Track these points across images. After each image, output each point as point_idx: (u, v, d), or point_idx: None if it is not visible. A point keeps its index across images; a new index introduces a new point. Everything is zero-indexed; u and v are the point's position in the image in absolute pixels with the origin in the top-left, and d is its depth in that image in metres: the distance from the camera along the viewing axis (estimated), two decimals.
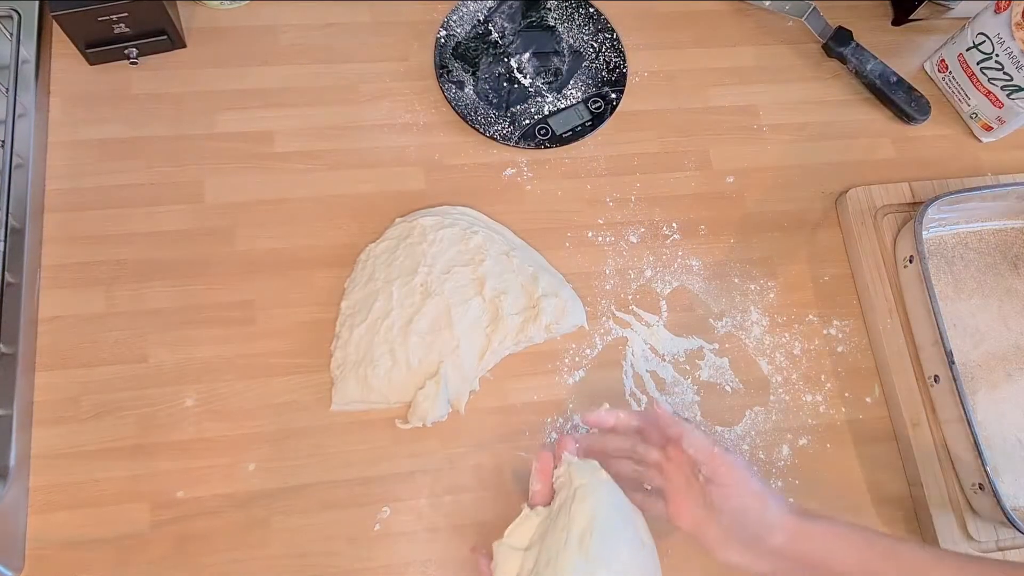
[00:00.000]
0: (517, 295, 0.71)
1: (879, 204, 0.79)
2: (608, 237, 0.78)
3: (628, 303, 0.75)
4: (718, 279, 0.77)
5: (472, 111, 0.79)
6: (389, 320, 0.68)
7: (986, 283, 0.78)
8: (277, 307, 0.71)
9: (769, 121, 0.84)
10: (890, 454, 0.73)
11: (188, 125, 0.76)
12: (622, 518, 0.56)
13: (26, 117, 0.71)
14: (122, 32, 0.73)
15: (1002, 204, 0.78)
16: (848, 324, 0.77)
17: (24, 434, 0.64)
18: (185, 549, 0.64)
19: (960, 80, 0.84)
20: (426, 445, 0.69)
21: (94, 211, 0.72)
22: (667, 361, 0.74)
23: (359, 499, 0.66)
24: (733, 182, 0.81)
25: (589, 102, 0.81)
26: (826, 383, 0.75)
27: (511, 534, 0.57)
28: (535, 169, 0.79)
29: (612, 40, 0.83)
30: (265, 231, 0.74)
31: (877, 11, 0.91)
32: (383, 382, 0.67)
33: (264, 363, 0.69)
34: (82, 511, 0.64)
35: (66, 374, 0.67)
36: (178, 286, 0.71)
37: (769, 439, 0.72)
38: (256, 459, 0.67)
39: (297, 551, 0.65)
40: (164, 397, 0.67)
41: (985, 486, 0.65)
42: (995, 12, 0.78)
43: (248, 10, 0.81)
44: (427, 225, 0.72)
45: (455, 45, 0.82)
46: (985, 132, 0.85)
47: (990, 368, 0.75)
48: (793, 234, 0.80)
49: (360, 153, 0.77)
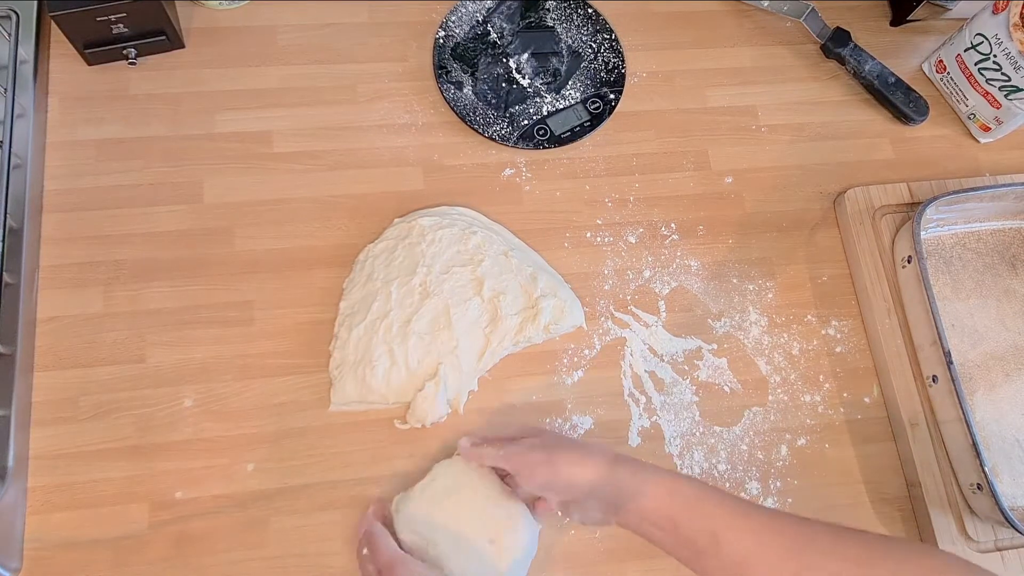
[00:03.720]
0: (516, 295, 0.71)
1: (877, 204, 0.79)
2: (607, 237, 0.78)
3: (627, 303, 0.75)
4: (717, 279, 0.77)
5: (471, 111, 0.79)
6: (388, 320, 0.68)
7: (984, 283, 0.78)
8: (276, 307, 0.71)
9: (768, 121, 0.84)
10: (888, 454, 0.73)
11: (187, 125, 0.76)
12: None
13: (24, 117, 0.71)
14: (121, 32, 0.73)
15: (1000, 204, 0.78)
16: (846, 324, 0.77)
17: (22, 434, 0.64)
18: (184, 550, 0.64)
19: (958, 81, 0.84)
20: (425, 445, 0.69)
21: (92, 211, 0.72)
22: (666, 361, 0.74)
23: (358, 499, 0.66)
24: (732, 182, 0.81)
25: (588, 102, 0.81)
26: (824, 383, 0.75)
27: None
28: (534, 169, 0.79)
29: (611, 41, 0.84)
30: (264, 231, 0.74)
31: (875, 12, 0.91)
32: (382, 382, 0.67)
33: (263, 363, 0.69)
34: (80, 512, 0.64)
35: (64, 374, 0.67)
36: (177, 286, 0.71)
37: (767, 439, 0.72)
38: (255, 459, 0.67)
39: (296, 551, 0.65)
40: (162, 397, 0.67)
41: (983, 486, 0.65)
42: (993, 13, 0.78)
43: (247, 10, 0.81)
44: (426, 225, 0.72)
45: (454, 46, 0.82)
46: (983, 132, 0.85)
47: (988, 368, 0.75)
48: (792, 234, 0.80)
49: (359, 153, 0.77)
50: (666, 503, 0.53)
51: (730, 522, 0.51)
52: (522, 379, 0.72)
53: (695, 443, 0.71)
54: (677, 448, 0.71)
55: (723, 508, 0.52)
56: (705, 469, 0.71)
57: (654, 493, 0.53)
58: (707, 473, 0.71)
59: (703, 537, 0.51)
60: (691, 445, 0.71)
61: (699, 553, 0.51)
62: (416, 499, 0.63)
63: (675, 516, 0.52)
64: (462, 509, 0.62)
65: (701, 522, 0.51)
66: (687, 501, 0.52)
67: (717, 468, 0.71)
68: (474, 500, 0.62)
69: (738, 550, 0.49)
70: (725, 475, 0.71)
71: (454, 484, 0.63)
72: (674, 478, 0.55)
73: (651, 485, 0.54)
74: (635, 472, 0.55)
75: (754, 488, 0.70)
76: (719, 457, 0.71)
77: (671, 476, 0.55)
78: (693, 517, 0.51)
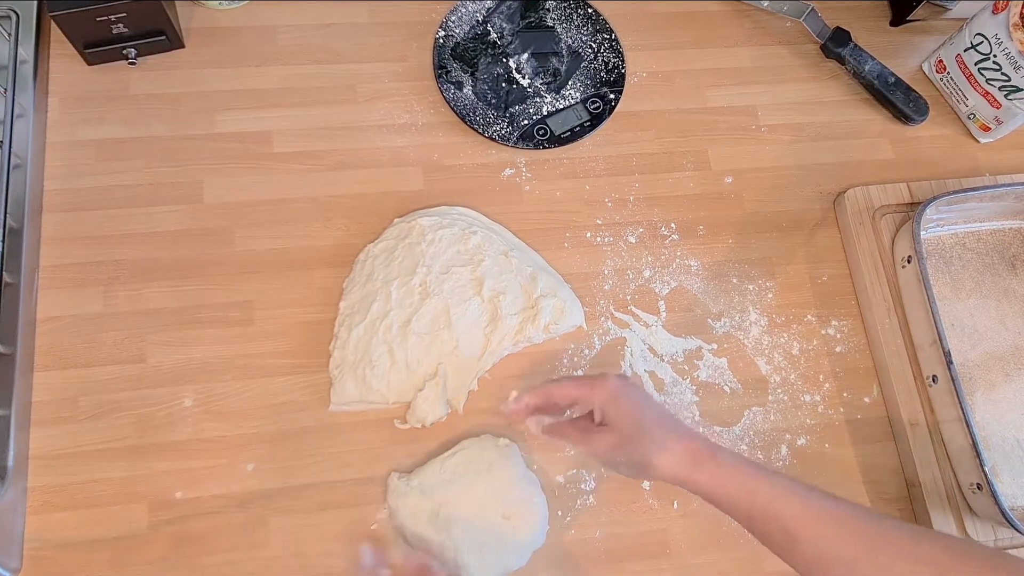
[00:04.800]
0: (516, 295, 0.71)
1: (877, 204, 0.79)
2: (607, 237, 0.78)
3: (627, 303, 0.75)
4: (717, 279, 0.77)
5: (471, 111, 0.79)
6: (388, 320, 0.68)
7: (984, 283, 0.78)
8: (275, 307, 0.71)
9: (767, 121, 0.84)
10: (888, 454, 0.73)
11: (187, 125, 0.76)
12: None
13: (24, 117, 0.71)
14: (121, 32, 0.73)
15: (1000, 204, 0.78)
16: (846, 324, 0.77)
17: (22, 434, 0.64)
18: (183, 550, 0.64)
19: (958, 80, 0.84)
20: (424, 445, 0.68)
21: (92, 211, 0.72)
22: (666, 361, 0.74)
23: (357, 499, 0.66)
24: (732, 182, 0.81)
25: (588, 102, 0.81)
26: (824, 383, 0.75)
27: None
28: (534, 169, 0.79)
29: (611, 41, 0.84)
30: (264, 231, 0.74)
31: (875, 12, 0.91)
32: (382, 382, 0.67)
33: (262, 363, 0.69)
34: (80, 511, 0.64)
35: (64, 374, 0.67)
36: (176, 286, 0.71)
37: (768, 439, 0.72)
38: (254, 459, 0.67)
39: (295, 551, 0.65)
40: (162, 397, 0.67)
41: (983, 486, 0.65)
42: (993, 13, 0.78)
43: (247, 10, 0.81)
44: (426, 225, 0.72)
45: (454, 45, 0.82)
46: (983, 132, 0.85)
47: (988, 368, 0.75)
48: (791, 234, 0.80)
49: (359, 153, 0.77)
50: (744, 503, 0.53)
51: (805, 522, 0.51)
52: (522, 379, 0.72)
53: None
54: None
55: (798, 511, 0.52)
56: None
57: (731, 495, 0.54)
58: None
59: (779, 535, 0.52)
60: None
61: (775, 546, 0.53)
62: (437, 466, 0.65)
63: (751, 512, 0.53)
64: (481, 481, 0.64)
65: (776, 522, 0.52)
66: (764, 501, 0.53)
67: None
68: (494, 477, 0.64)
69: (813, 551, 0.50)
70: None
71: (479, 459, 0.65)
72: (755, 481, 0.54)
73: (728, 489, 0.54)
74: (715, 475, 0.55)
75: None
76: None
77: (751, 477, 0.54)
78: (768, 518, 0.52)
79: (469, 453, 0.66)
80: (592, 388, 0.59)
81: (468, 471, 0.64)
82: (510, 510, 0.63)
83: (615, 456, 0.58)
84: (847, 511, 0.52)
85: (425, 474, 0.65)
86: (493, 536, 0.62)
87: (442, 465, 0.65)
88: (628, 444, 0.57)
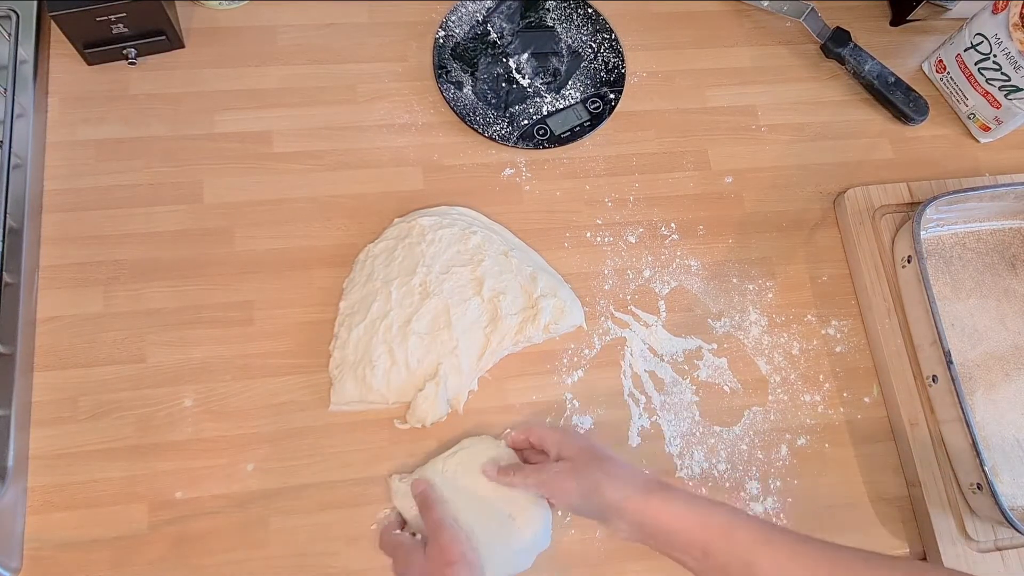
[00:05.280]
0: (516, 295, 0.71)
1: (877, 204, 0.79)
2: (607, 237, 0.78)
3: (627, 303, 0.75)
4: (717, 279, 0.77)
5: (471, 111, 0.79)
6: (388, 320, 0.68)
7: (984, 283, 0.78)
8: (275, 307, 0.71)
9: (767, 121, 0.84)
10: (888, 454, 0.73)
11: (187, 125, 0.76)
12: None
13: (24, 117, 0.71)
14: (121, 32, 0.73)
15: (1000, 204, 0.78)
16: (846, 324, 0.77)
17: (22, 434, 0.64)
18: (183, 550, 0.64)
19: (958, 80, 0.84)
20: (424, 445, 0.69)
21: (92, 211, 0.72)
22: (666, 361, 0.74)
23: (357, 499, 0.66)
24: (732, 182, 0.81)
25: (588, 102, 0.81)
26: (824, 383, 0.75)
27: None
28: (534, 169, 0.79)
29: (611, 40, 0.84)
30: (264, 231, 0.74)
31: (875, 12, 0.91)
32: (381, 382, 0.67)
33: (262, 363, 0.69)
34: (80, 511, 0.64)
35: (64, 374, 0.67)
36: (176, 286, 0.71)
37: (767, 439, 0.72)
38: (254, 459, 0.67)
39: (295, 551, 0.65)
40: (162, 397, 0.67)
41: (983, 486, 0.65)
42: (993, 13, 0.78)
43: (247, 10, 0.81)
44: (426, 225, 0.72)
45: (454, 45, 0.82)
46: (983, 132, 0.85)
47: (988, 368, 0.75)
48: (791, 234, 0.80)
49: (359, 153, 0.77)
50: (699, 535, 0.53)
51: (763, 550, 0.51)
52: (522, 379, 0.72)
53: (695, 443, 0.71)
54: (677, 448, 0.71)
55: (754, 536, 0.52)
56: (705, 469, 0.71)
57: (685, 527, 0.54)
58: (707, 473, 0.71)
59: (736, 565, 0.52)
60: (691, 445, 0.71)
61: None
62: (439, 466, 0.65)
63: (707, 545, 0.53)
64: (482, 480, 0.64)
65: (733, 551, 0.52)
66: (719, 530, 0.53)
67: (717, 468, 0.71)
68: None
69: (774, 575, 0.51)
70: (725, 475, 0.71)
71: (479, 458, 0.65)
72: (708, 510, 0.55)
73: (682, 520, 0.54)
74: (667, 503, 0.55)
75: (754, 488, 0.70)
76: (719, 457, 0.71)
77: (703, 507, 0.55)
78: (724, 547, 0.52)
79: (469, 453, 0.66)
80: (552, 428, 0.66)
81: (469, 471, 0.64)
82: (516, 509, 0.63)
83: (567, 483, 0.59)
84: (802, 537, 0.53)
85: (426, 474, 0.65)
86: (499, 535, 0.62)
87: (443, 465, 0.65)
88: (583, 469, 0.59)
